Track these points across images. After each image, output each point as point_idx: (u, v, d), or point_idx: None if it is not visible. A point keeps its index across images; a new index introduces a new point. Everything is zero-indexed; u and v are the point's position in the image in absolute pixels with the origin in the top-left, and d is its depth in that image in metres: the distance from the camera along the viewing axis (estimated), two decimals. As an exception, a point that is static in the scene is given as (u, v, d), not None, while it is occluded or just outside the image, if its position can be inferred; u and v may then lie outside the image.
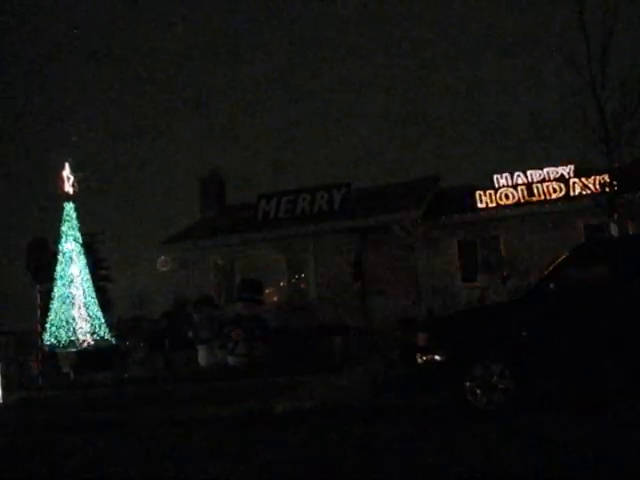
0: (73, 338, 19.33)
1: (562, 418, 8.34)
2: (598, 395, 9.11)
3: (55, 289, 20.10)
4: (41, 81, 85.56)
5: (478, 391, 8.90)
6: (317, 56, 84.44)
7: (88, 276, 20.59)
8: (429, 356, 9.45)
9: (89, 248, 23.88)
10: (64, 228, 20.51)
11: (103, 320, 20.44)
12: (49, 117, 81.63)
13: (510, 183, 20.92)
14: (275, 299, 21.04)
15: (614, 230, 15.57)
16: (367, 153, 68.66)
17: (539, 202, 19.88)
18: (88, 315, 19.97)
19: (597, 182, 18.14)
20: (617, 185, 15.65)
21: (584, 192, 18.44)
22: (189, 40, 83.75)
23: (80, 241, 20.60)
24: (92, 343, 19.53)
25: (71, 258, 20.21)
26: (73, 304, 19.76)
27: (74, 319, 19.63)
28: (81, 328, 19.65)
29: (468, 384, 8.94)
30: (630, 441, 6.94)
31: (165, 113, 79.99)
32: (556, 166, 20.94)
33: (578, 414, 8.48)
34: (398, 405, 10.01)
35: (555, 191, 20.02)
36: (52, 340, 19.15)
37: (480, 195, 20.95)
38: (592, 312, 8.79)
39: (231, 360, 16.31)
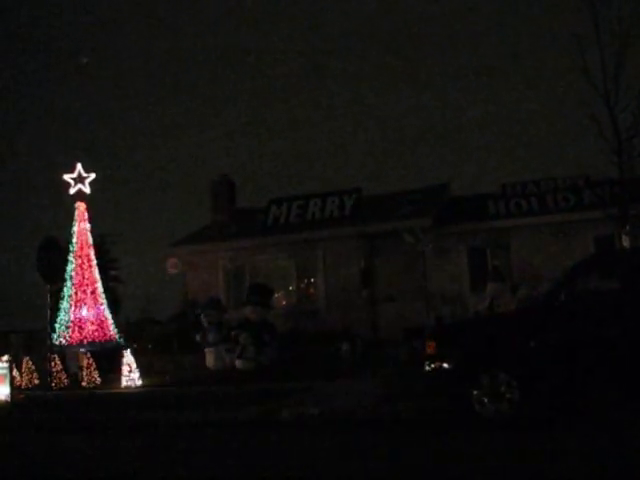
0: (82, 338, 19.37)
1: (568, 429, 8.31)
2: (605, 406, 9.07)
3: (65, 289, 20.15)
4: (53, 80, 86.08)
5: (485, 400, 8.86)
6: (329, 60, 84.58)
7: (98, 276, 20.63)
8: (437, 364, 9.42)
9: (99, 249, 23.95)
10: (75, 228, 20.57)
11: (112, 321, 20.47)
12: (62, 116, 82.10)
13: (521, 192, 20.91)
14: (284, 304, 21.05)
15: (625, 241, 15.51)
16: (378, 159, 68.67)
17: (550, 212, 19.84)
18: (97, 316, 20.00)
19: (609, 193, 18.09)
20: (629, 196, 15.60)
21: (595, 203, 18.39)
22: (202, 43, 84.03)
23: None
24: (100, 344, 19.54)
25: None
26: (82, 305, 19.80)
27: (83, 319, 19.67)
28: (90, 329, 19.68)
29: (475, 393, 8.91)
30: (636, 452, 6.91)
31: (177, 115, 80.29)
32: (568, 176, 20.93)
33: (584, 425, 8.45)
34: (404, 412, 9.98)
35: (567, 201, 19.98)
36: (61, 340, 19.20)
37: (491, 204, 20.94)
38: (602, 323, 8.74)
39: (239, 364, 16.32)
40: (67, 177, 20.49)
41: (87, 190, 20.56)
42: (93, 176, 20.63)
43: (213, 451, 8.90)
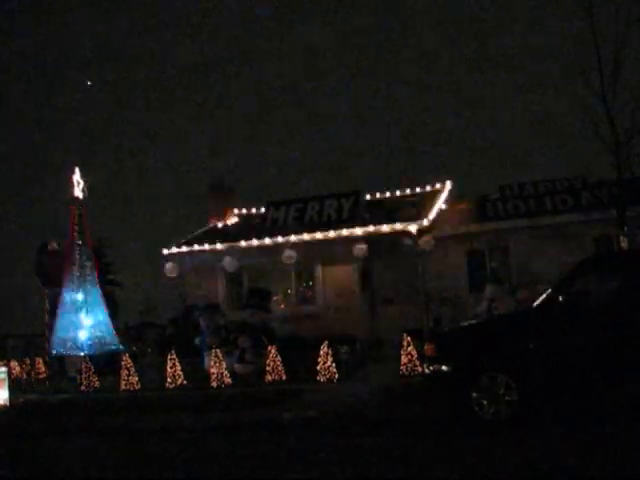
0: (80, 342, 19.33)
1: (567, 431, 8.30)
2: (603, 409, 9.06)
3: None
4: (52, 85, 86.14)
5: (484, 402, 8.86)
6: (326, 65, 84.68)
7: (96, 280, 20.59)
8: (436, 366, 9.42)
9: (97, 252, 23.92)
10: (73, 232, 20.51)
11: (111, 325, 20.43)
12: (59, 121, 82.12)
13: (519, 194, 20.90)
14: (282, 307, 21.01)
15: (624, 243, 15.50)
16: (377, 162, 68.73)
17: (548, 214, 19.83)
18: (96, 320, 19.97)
19: (607, 194, 18.09)
20: (627, 197, 15.60)
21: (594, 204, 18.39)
22: (199, 48, 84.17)
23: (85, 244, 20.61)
24: (99, 348, 19.52)
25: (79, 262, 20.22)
26: (81, 308, 19.75)
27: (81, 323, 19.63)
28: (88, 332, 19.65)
29: (475, 395, 8.91)
30: (634, 455, 6.90)
31: (176, 119, 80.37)
32: (566, 177, 20.92)
33: (584, 426, 8.44)
34: (404, 415, 9.97)
35: (565, 203, 19.97)
36: (59, 343, 19.16)
37: (489, 205, 20.93)
38: (600, 325, 8.74)
39: (238, 368, 16.28)
40: (66, 181, 20.49)
41: (85, 194, 20.55)
42: (92, 180, 20.64)
43: (212, 454, 8.88)
